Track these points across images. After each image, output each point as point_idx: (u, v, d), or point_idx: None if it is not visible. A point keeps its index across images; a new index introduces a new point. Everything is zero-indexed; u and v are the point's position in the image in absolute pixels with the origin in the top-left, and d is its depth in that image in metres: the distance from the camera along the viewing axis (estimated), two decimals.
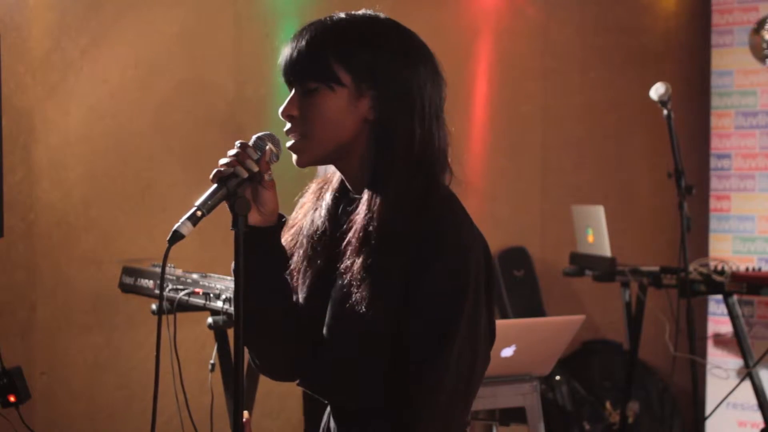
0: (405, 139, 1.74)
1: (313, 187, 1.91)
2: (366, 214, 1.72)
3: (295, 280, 1.84)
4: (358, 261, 1.70)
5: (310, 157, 1.78)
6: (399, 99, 1.74)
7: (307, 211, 1.88)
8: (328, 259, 1.79)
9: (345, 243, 1.73)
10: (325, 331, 1.77)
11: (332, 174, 1.88)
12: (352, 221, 1.74)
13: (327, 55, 1.73)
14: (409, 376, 1.68)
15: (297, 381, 1.87)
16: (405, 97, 1.74)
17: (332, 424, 1.84)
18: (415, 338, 1.68)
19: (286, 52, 1.77)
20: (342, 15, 1.79)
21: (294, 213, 1.92)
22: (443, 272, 1.68)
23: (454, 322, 1.67)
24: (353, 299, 1.70)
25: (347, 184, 1.83)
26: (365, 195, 1.74)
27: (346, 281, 1.72)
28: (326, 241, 1.80)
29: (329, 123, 1.74)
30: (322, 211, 1.84)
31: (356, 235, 1.72)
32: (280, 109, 1.78)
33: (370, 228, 1.71)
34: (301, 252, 1.83)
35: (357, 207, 1.75)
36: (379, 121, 1.74)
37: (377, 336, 1.70)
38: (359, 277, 1.70)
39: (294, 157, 1.79)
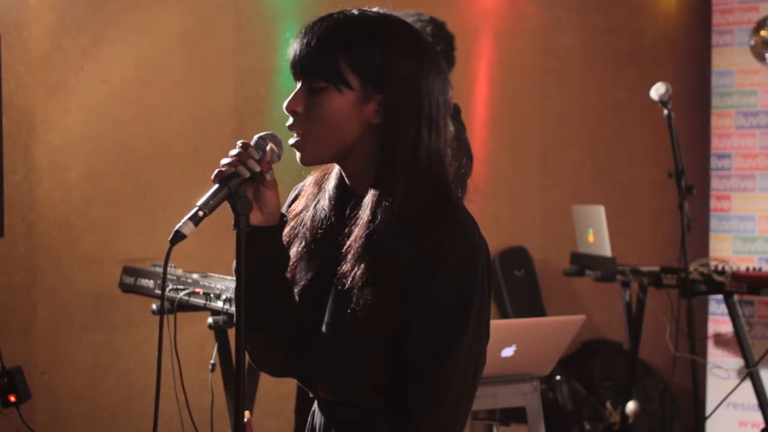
0: (412, 144, 1.71)
1: (311, 179, 1.88)
2: (369, 219, 1.70)
3: (292, 270, 1.82)
4: (360, 266, 1.69)
5: (313, 156, 1.76)
6: (407, 104, 1.72)
7: (308, 203, 1.85)
8: (328, 255, 1.77)
9: (346, 246, 1.72)
10: (324, 331, 1.75)
11: (332, 165, 1.84)
12: (355, 224, 1.72)
13: (338, 56, 1.71)
14: (415, 378, 1.67)
15: (296, 378, 1.86)
16: (413, 101, 1.72)
17: (317, 420, 1.83)
18: (422, 342, 1.67)
19: (296, 44, 1.74)
20: (355, 12, 1.75)
21: (288, 200, 1.89)
22: (451, 277, 1.66)
23: (462, 326, 1.66)
24: (353, 304, 1.69)
25: (347, 181, 1.80)
26: (369, 198, 1.72)
27: (347, 286, 1.70)
28: (329, 236, 1.78)
29: (333, 125, 1.72)
30: (325, 203, 1.81)
31: (358, 240, 1.70)
32: (285, 103, 1.75)
33: (374, 235, 1.69)
34: (303, 244, 1.81)
35: (360, 209, 1.73)
36: (386, 125, 1.72)
37: (377, 339, 1.69)
38: (360, 282, 1.68)
39: (298, 154, 1.77)
